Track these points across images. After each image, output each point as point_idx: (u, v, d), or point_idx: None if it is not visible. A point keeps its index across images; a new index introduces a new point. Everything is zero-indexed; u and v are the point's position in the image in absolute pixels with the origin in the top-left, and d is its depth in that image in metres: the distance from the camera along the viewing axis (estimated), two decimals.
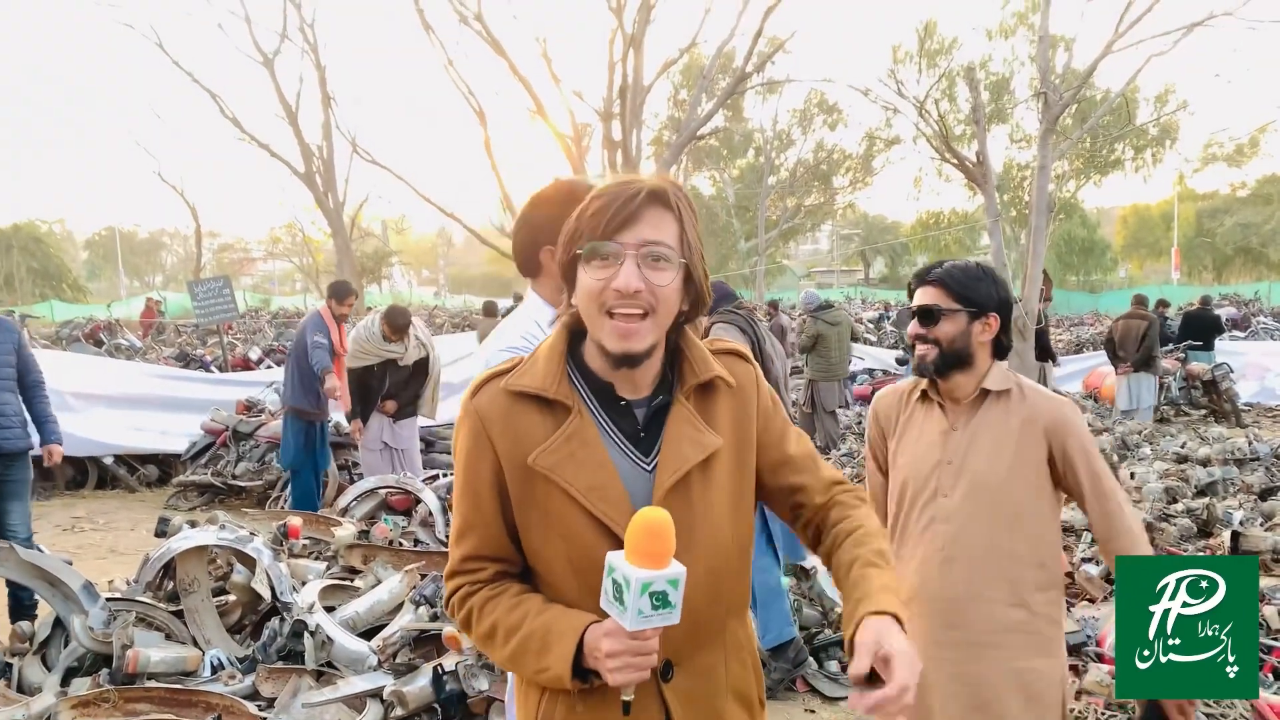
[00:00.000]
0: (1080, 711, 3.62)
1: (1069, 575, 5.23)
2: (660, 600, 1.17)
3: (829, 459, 7.24)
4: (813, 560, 4.65)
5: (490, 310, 13.16)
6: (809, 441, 1.52)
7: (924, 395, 2.30)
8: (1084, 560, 5.48)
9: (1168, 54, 10.23)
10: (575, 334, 1.39)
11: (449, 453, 9.04)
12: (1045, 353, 11.81)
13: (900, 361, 14.72)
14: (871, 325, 22.98)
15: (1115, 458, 8.39)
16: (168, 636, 3.76)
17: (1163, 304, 14.03)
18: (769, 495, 1.48)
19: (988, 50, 35.54)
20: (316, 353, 6.46)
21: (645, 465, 1.35)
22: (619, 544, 1.23)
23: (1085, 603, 4.83)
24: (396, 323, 6.51)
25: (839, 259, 55.49)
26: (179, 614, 3.88)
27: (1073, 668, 4.00)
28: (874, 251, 52.83)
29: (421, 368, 6.81)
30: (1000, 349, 2.24)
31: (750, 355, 1.48)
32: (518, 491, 1.34)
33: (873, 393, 13.32)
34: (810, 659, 4.11)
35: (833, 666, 4.14)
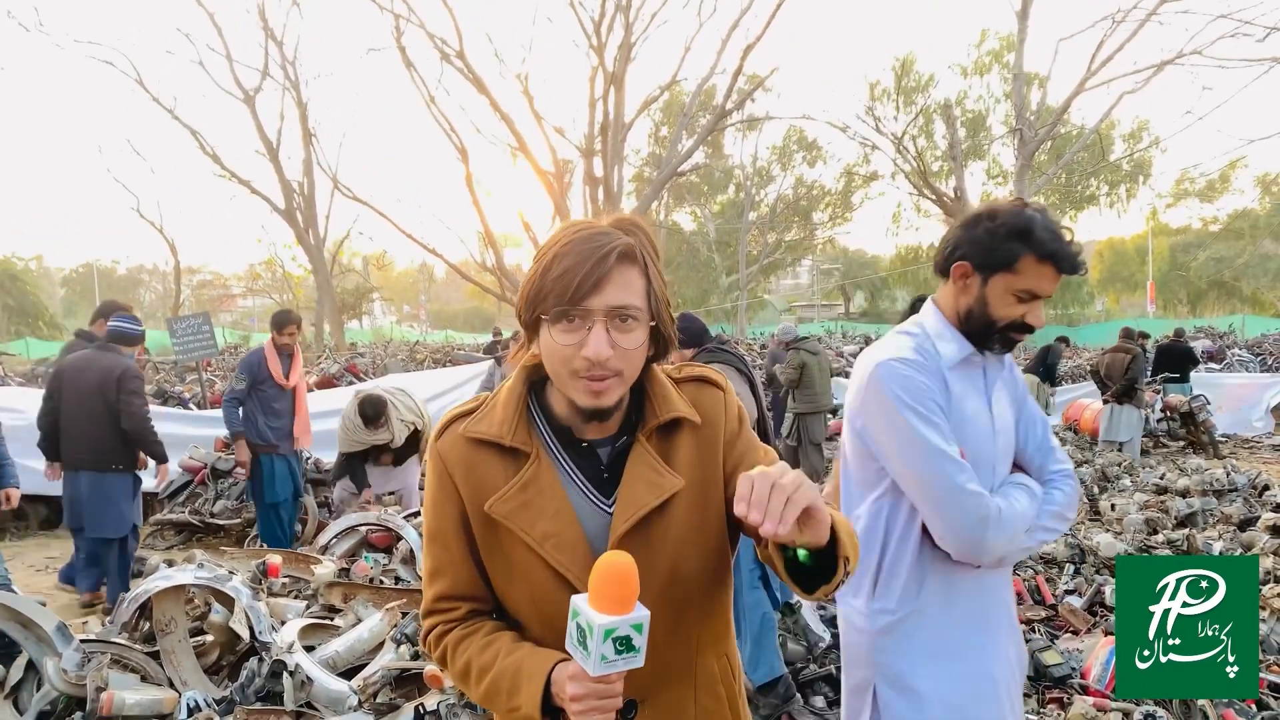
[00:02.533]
0: None
1: (1053, 608, 5.23)
2: (624, 645, 1.16)
3: None
4: (797, 596, 4.62)
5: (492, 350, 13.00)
6: (774, 456, 1.41)
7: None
8: (1067, 592, 5.49)
9: (1139, 91, 10.44)
10: (539, 377, 1.39)
11: None
12: (1050, 375, 11.95)
13: None
14: (852, 359, 23.04)
15: (1095, 489, 8.43)
16: (143, 678, 3.68)
17: (1143, 335, 14.21)
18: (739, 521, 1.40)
19: (963, 87, 36.19)
20: (226, 409, 6.52)
21: (606, 507, 1.34)
22: (576, 591, 1.23)
23: (1069, 634, 4.82)
24: (365, 413, 6.47)
25: (819, 293, 55.85)
26: (155, 655, 3.81)
27: (1057, 700, 3.99)
28: (854, 286, 53.23)
29: (415, 437, 6.80)
30: None
31: (720, 380, 1.44)
32: (481, 536, 1.36)
33: None
34: (797, 694, 4.08)
35: (818, 702, 4.11)
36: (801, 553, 1.21)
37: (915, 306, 2.12)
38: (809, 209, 40.46)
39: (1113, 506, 7.59)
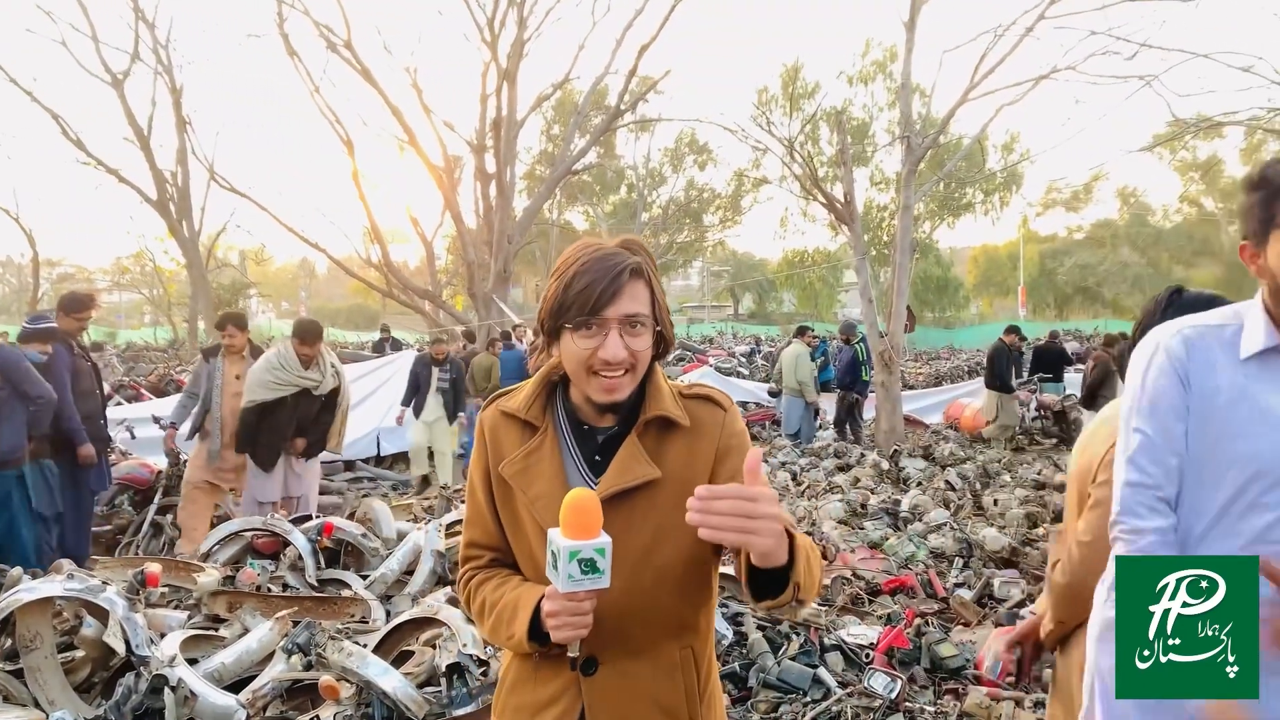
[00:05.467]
0: None
1: (944, 601, 5.38)
2: (589, 566, 1.35)
3: None
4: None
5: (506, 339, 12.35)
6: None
7: None
8: (957, 585, 5.66)
9: (1017, 104, 10.91)
10: (563, 371, 1.59)
11: (321, 492, 8.63)
12: (1005, 383, 12.15)
13: (772, 394, 15.03)
14: (744, 359, 23.41)
15: (978, 485, 8.75)
16: (5, 698, 3.41)
17: (1021, 337, 14.83)
18: None
19: (849, 95, 37.25)
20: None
21: (593, 483, 1.54)
22: None
23: (960, 626, 4.97)
24: (311, 332, 6.16)
25: (710, 295, 56.59)
26: (18, 673, 3.52)
27: (953, 691, 4.10)
28: (743, 288, 54.16)
29: (331, 400, 6.45)
30: None
31: (724, 400, 1.62)
32: (498, 493, 1.61)
33: (748, 425, 13.54)
34: None
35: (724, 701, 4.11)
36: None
37: (800, 332, 2.04)
38: (700, 211, 40.91)
39: (995, 502, 7.89)
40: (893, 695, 3.84)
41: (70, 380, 5.69)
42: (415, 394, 9.94)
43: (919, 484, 8.91)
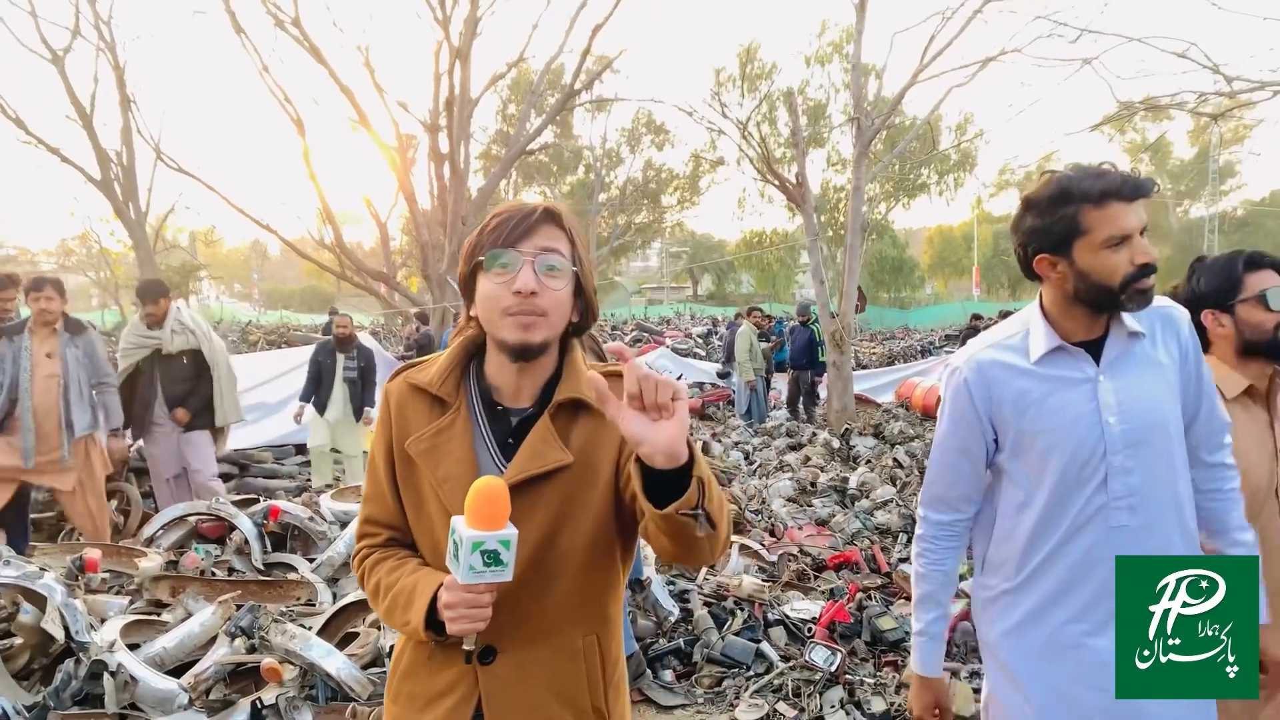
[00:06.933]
0: (901, 705, 3.79)
1: (888, 575, 5.49)
2: (491, 558, 1.30)
3: None
4: (647, 571, 4.67)
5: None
6: None
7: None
8: (900, 560, 5.77)
9: (966, 85, 11.04)
10: (479, 347, 1.56)
11: (269, 476, 8.53)
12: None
13: (721, 375, 15.13)
14: (700, 340, 23.52)
15: (925, 462, 8.89)
16: None
17: (976, 318, 15.26)
18: (630, 511, 1.48)
19: (805, 76, 37.36)
20: None
21: (502, 466, 1.48)
22: None
23: (903, 601, 5.08)
24: (147, 291, 5.97)
25: (668, 276, 56.62)
26: None
27: (892, 663, 4.20)
28: (701, 269, 54.26)
29: (200, 364, 6.17)
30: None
31: None
32: (401, 470, 1.54)
33: (703, 405, 13.63)
34: (647, 670, 4.12)
35: (666, 676, 4.17)
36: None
37: (739, 316, 2.21)
38: (658, 192, 40.86)
39: None
40: (833, 668, 3.93)
41: None
42: (316, 387, 8.44)
43: (868, 462, 9.05)
